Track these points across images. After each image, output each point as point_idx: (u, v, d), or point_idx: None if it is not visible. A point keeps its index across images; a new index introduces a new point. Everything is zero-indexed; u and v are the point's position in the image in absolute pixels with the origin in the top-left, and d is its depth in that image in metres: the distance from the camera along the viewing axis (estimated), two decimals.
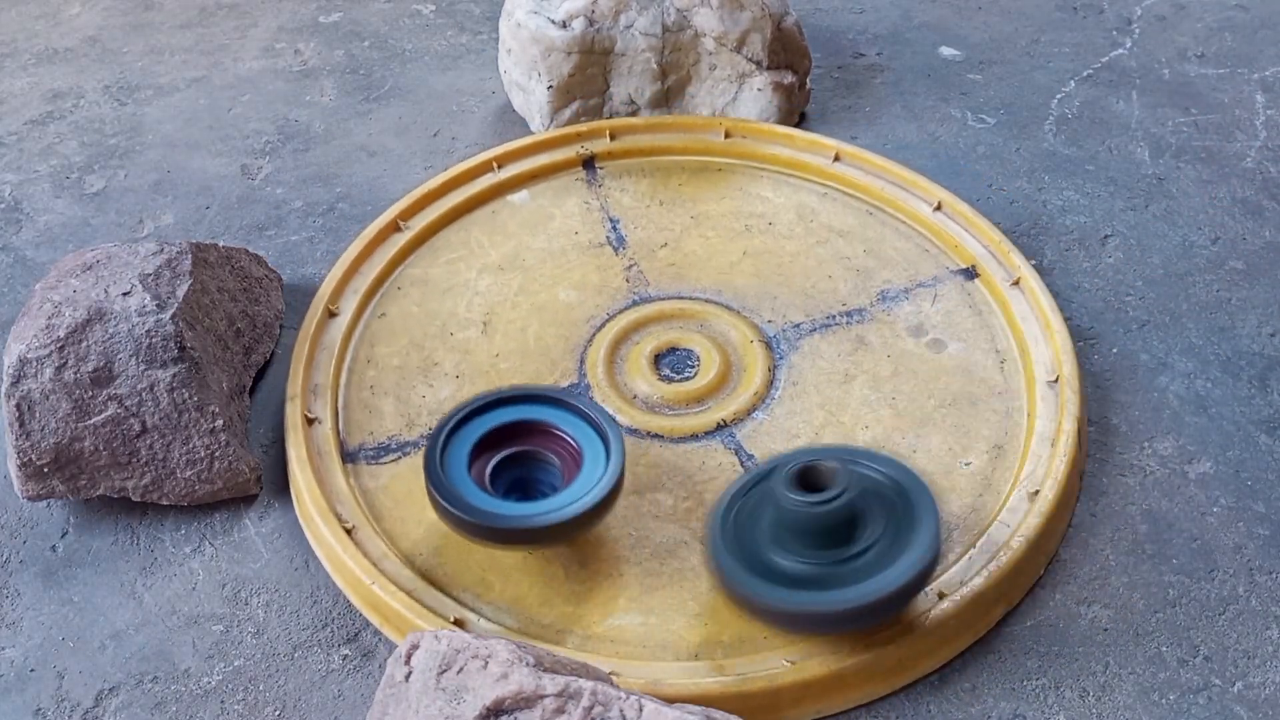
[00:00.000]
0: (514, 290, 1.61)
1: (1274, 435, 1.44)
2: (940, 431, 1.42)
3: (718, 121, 1.81)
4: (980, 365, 1.49)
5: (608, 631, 1.25)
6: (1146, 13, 2.18)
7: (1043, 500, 1.30)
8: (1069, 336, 1.47)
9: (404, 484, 1.39)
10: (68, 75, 2.11)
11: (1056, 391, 1.41)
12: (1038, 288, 1.52)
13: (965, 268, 1.60)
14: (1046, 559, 1.31)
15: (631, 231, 1.69)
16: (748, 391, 1.46)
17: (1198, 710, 1.20)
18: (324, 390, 1.47)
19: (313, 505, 1.34)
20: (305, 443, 1.40)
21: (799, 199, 1.73)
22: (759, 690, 1.17)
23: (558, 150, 1.78)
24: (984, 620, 1.26)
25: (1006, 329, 1.52)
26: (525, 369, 1.51)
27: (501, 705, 0.94)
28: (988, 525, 1.31)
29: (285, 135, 1.94)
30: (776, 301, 1.58)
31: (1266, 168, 1.81)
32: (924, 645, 1.22)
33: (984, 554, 1.27)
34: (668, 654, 1.23)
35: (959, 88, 2.00)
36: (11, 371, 1.31)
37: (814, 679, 1.18)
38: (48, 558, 1.36)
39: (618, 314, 1.57)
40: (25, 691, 1.24)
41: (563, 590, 1.29)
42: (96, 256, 1.43)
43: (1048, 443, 1.37)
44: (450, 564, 1.32)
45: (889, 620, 1.20)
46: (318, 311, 1.54)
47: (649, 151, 1.79)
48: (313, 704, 1.22)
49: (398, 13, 2.25)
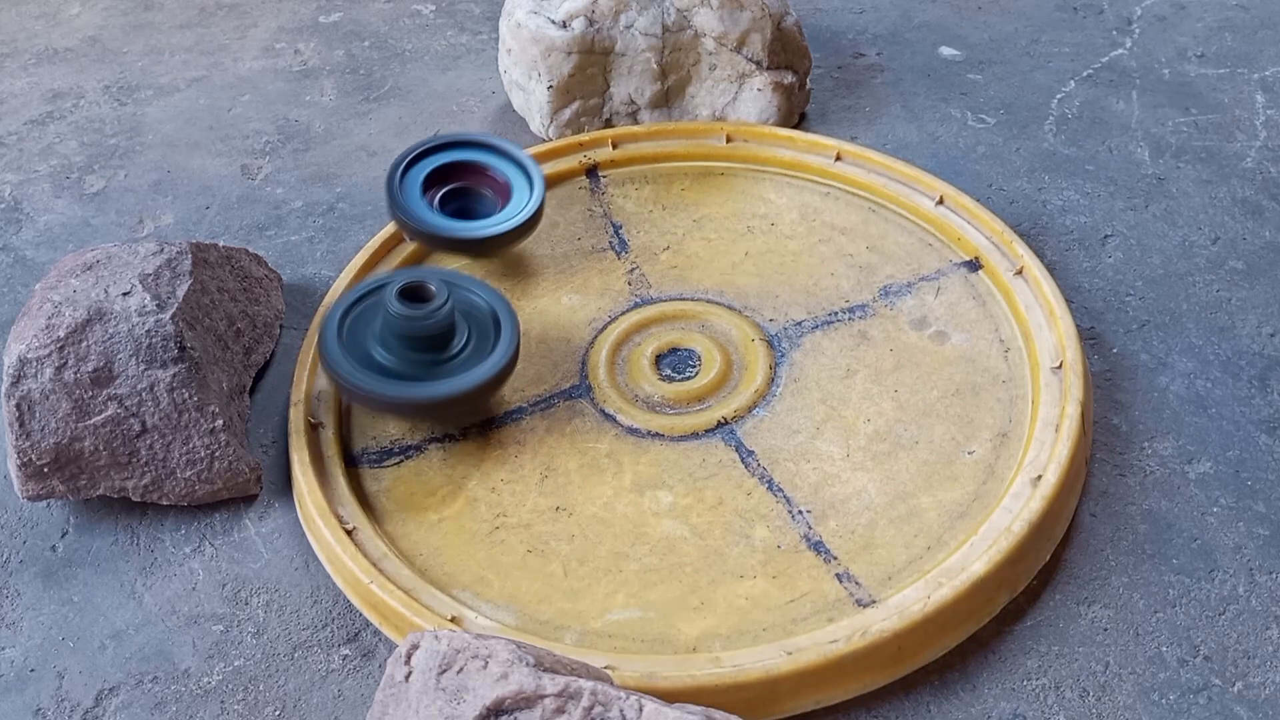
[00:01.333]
0: (517, 295, 1.61)
1: (1274, 435, 1.44)
2: (943, 421, 1.42)
3: (719, 126, 1.81)
4: (984, 355, 1.49)
5: (606, 627, 1.25)
6: (1146, 13, 2.18)
7: (1045, 485, 1.30)
8: (1073, 323, 1.47)
9: (406, 486, 1.40)
10: (68, 75, 2.11)
11: (1060, 377, 1.41)
12: (1041, 276, 1.52)
13: (969, 260, 1.61)
14: (1052, 544, 1.31)
15: (634, 236, 1.69)
16: (748, 389, 1.47)
17: (1198, 710, 1.20)
18: (327, 395, 1.47)
19: (314, 508, 1.34)
20: (308, 447, 1.40)
21: (801, 199, 1.73)
22: (756, 681, 1.17)
23: (561, 159, 1.79)
24: (986, 608, 1.26)
25: (1010, 318, 1.53)
26: (527, 371, 1.51)
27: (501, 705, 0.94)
28: (990, 512, 1.30)
29: (285, 135, 1.94)
30: (778, 300, 1.58)
31: (1266, 168, 1.81)
32: (924, 634, 1.21)
33: (985, 540, 1.27)
34: (666, 648, 1.23)
35: (959, 88, 2.00)
36: (11, 371, 1.31)
37: (811, 668, 1.18)
38: (48, 558, 1.36)
39: (619, 316, 1.57)
40: (25, 691, 1.24)
41: (561, 587, 1.29)
42: (96, 256, 1.43)
43: (1051, 428, 1.37)
44: (449, 563, 1.32)
45: (462, 414, 1.44)
46: (322, 317, 1.53)
47: (651, 158, 1.80)
48: (313, 704, 1.22)
49: (398, 13, 2.25)
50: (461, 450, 1.43)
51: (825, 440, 1.41)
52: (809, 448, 1.41)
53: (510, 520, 1.36)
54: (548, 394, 1.49)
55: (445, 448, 1.44)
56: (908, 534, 1.31)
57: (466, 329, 1.43)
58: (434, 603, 1.26)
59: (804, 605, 1.25)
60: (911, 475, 1.37)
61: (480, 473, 1.41)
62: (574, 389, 1.49)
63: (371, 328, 1.42)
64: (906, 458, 1.39)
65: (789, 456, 1.40)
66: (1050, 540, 1.31)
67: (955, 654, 1.25)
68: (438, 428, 1.45)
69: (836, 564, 1.29)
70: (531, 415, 1.47)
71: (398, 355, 1.40)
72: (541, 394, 1.49)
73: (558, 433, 1.44)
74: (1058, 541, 1.32)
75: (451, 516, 1.37)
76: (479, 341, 1.43)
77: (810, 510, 1.34)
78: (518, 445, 1.43)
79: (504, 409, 1.47)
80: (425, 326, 1.38)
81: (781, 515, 1.34)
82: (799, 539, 1.32)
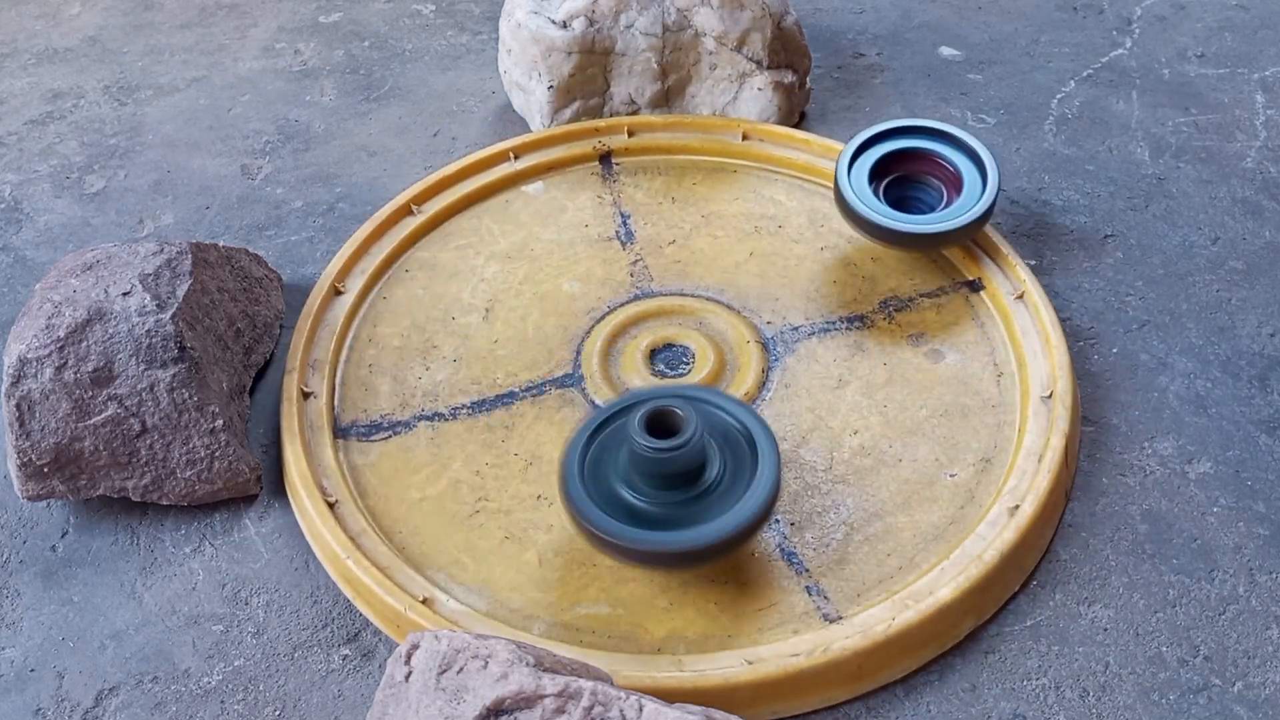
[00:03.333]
0: (519, 279, 1.62)
1: (1274, 435, 1.44)
2: (929, 441, 1.41)
3: (736, 123, 1.81)
4: (976, 377, 1.48)
5: (574, 620, 1.25)
6: (1146, 13, 2.18)
7: (1021, 515, 1.29)
8: (1067, 352, 1.45)
9: (391, 462, 1.41)
10: (68, 75, 2.11)
11: (1049, 407, 1.40)
12: (1040, 302, 1.51)
13: (971, 280, 1.60)
14: (1022, 574, 1.30)
15: (641, 227, 1.69)
16: (738, 391, 1.46)
17: (1198, 710, 1.20)
18: (322, 365, 1.49)
19: (298, 478, 1.35)
20: (298, 415, 1.41)
21: (812, 203, 1.73)
22: (714, 688, 1.17)
23: (575, 143, 1.79)
24: (950, 633, 1.25)
25: (1007, 342, 1.51)
26: (522, 356, 1.52)
27: (501, 705, 0.94)
28: (964, 537, 1.30)
29: (285, 135, 1.94)
30: (778, 303, 1.58)
31: (1266, 168, 1.81)
32: (885, 654, 1.21)
33: (956, 566, 1.26)
34: (630, 646, 1.23)
35: (959, 88, 2.00)
36: (11, 371, 1.31)
37: (770, 679, 1.18)
38: (48, 558, 1.36)
39: (618, 307, 1.57)
40: (25, 691, 1.24)
41: (534, 576, 1.29)
42: (96, 256, 1.43)
43: (1034, 458, 1.36)
44: (427, 543, 1.33)
45: (728, 556, 1.27)
46: (324, 288, 1.56)
47: (666, 150, 1.80)
48: (313, 704, 1.22)
49: (398, 13, 2.25)
50: (450, 430, 1.44)
51: (809, 450, 1.41)
52: (792, 456, 1.40)
53: (491, 505, 1.36)
54: (540, 380, 1.49)
55: (434, 426, 1.45)
56: (881, 552, 1.31)
57: (719, 454, 1.28)
58: (408, 582, 1.27)
59: (771, 615, 1.25)
60: (891, 493, 1.36)
61: (466, 455, 1.41)
62: (566, 377, 1.49)
63: (615, 462, 1.27)
64: (888, 474, 1.38)
65: None
66: (1021, 570, 1.30)
67: (955, 654, 1.25)
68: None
69: (807, 576, 1.29)
70: (522, 400, 1.47)
71: (647, 494, 1.25)
72: (534, 380, 1.49)
73: (546, 420, 1.45)
74: (1028, 572, 1.31)
75: (434, 497, 1.37)
76: (735, 467, 1.27)
77: (787, 520, 1.34)
78: (505, 430, 1.44)
79: (496, 392, 1.48)
80: (677, 461, 1.22)
81: None
82: (773, 548, 1.31)
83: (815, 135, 1.80)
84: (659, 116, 1.83)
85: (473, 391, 1.48)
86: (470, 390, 1.49)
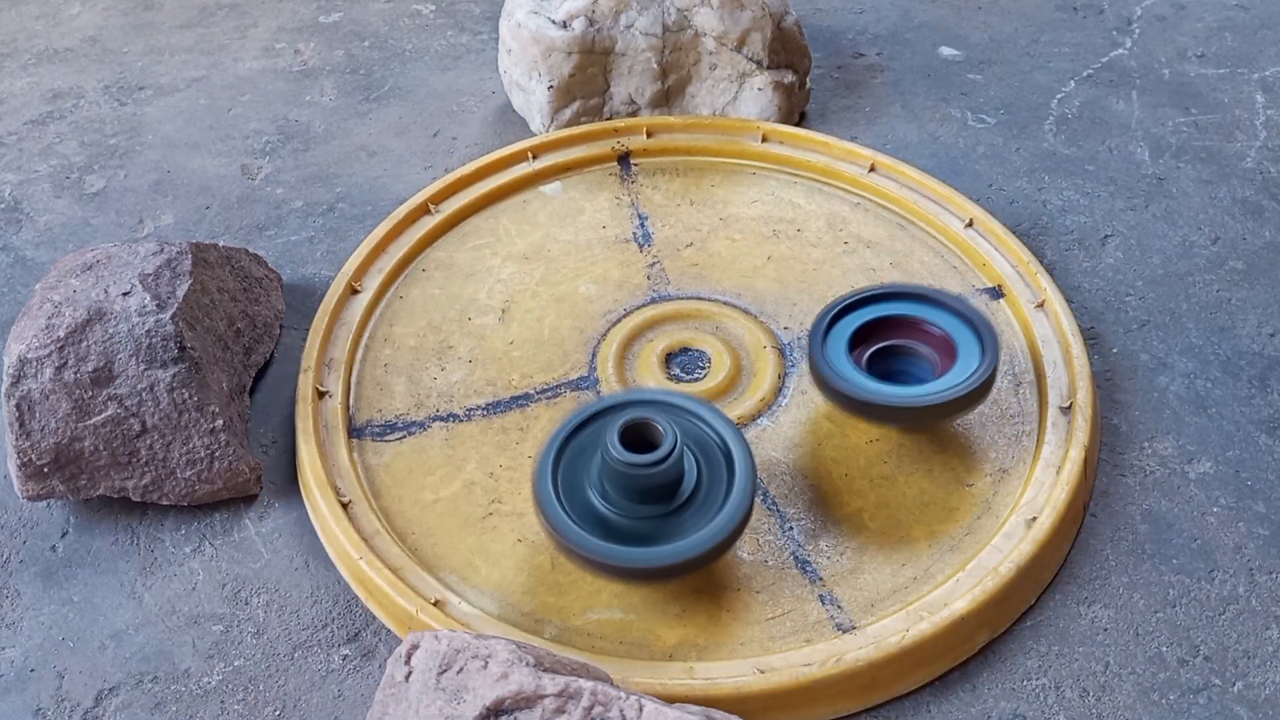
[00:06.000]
0: (536, 280, 1.61)
1: (1274, 435, 1.44)
2: (946, 451, 1.40)
3: (755, 125, 1.80)
4: (995, 387, 1.46)
5: (586, 625, 1.25)
6: (1146, 13, 2.18)
7: (1039, 528, 1.28)
8: (1088, 363, 1.44)
9: (406, 463, 1.40)
10: (68, 75, 2.11)
11: (1069, 418, 1.39)
12: (1062, 311, 1.50)
13: (992, 287, 1.59)
14: (1038, 588, 1.29)
15: (659, 229, 1.69)
16: (754, 397, 1.46)
17: (1198, 710, 1.20)
18: (338, 365, 1.48)
19: (313, 479, 1.35)
20: (313, 415, 1.41)
21: (831, 207, 1.72)
22: (725, 696, 1.16)
23: (593, 144, 1.79)
24: (965, 646, 1.24)
25: (1026, 352, 1.50)
26: (538, 358, 1.51)
27: (501, 705, 0.94)
28: (980, 549, 1.29)
29: (285, 135, 1.94)
30: (795, 308, 1.57)
31: (1266, 168, 1.81)
32: (899, 666, 1.20)
33: (972, 578, 1.25)
34: (642, 652, 1.22)
35: (959, 88, 2.00)
36: (11, 371, 1.31)
37: (782, 689, 1.17)
38: (48, 558, 1.36)
39: (634, 310, 1.57)
40: (25, 691, 1.24)
41: (547, 580, 1.29)
42: (96, 256, 1.43)
43: (1053, 469, 1.34)
44: (440, 545, 1.32)
45: (701, 569, 1.24)
46: (340, 287, 1.56)
47: (685, 151, 1.80)
48: (313, 704, 1.22)
49: (398, 13, 2.25)
50: (464, 432, 1.44)
51: (826, 458, 1.40)
52: (809, 464, 1.39)
53: (504, 508, 1.36)
54: (555, 383, 1.49)
55: (449, 428, 1.44)
56: (896, 562, 1.30)
57: (695, 466, 1.26)
58: (420, 584, 1.26)
59: (784, 624, 1.25)
60: (908, 503, 1.35)
61: (480, 456, 1.41)
62: (582, 380, 1.49)
63: (587, 470, 1.26)
64: (905, 484, 1.37)
65: (787, 470, 1.39)
66: (1037, 584, 1.29)
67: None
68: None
69: (821, 585, 1.28)
70: (537, 402, 1.47)
71: (620, 506, 1.23)
72: (549, 382, 1.49)
73: (561, 423, 1.44)
74: (1045, 585, 1.29)
75: (447, 498, 1.37)
76: (710, 483, 1.25)
77: (802, 528, 1.33)
78: (520, 432, 1.43)
79: (511, 394, 1.47)
80: (653, 477, 1.20)
81: (773, 529, 1.33)
82: (787, 556, 1.31)
83: (834, 138, 1.78)
84: (678, 117, 1.83)
85: (488, 393, 1.48)
86: (485, 392, 1.48)
